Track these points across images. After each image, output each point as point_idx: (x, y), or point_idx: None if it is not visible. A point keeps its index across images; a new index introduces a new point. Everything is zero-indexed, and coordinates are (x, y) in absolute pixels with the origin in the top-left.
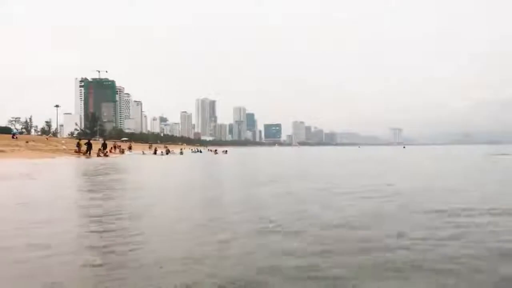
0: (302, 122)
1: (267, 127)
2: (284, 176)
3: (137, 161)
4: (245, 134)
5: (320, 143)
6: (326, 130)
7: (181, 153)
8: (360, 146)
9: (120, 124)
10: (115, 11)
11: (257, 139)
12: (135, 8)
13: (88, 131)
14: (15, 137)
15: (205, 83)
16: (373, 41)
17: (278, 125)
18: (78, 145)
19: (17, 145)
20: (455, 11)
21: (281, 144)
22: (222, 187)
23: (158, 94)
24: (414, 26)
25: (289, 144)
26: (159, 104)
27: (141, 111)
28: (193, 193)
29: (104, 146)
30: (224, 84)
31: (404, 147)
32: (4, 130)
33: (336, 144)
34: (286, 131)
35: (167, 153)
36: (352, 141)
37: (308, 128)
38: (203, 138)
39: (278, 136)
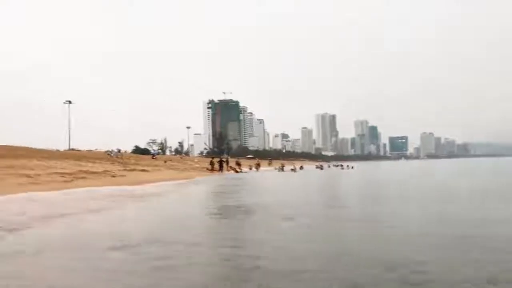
0: (431, 133)
1: (392, 139)
2: None
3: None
4: (368, 148)
5: (451, 155)
6: (459, 140)
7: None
8: (499, 158)
9: (245, 142)
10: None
11: (381, 153)
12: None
13: (216, 149)
14: (154, 157)
15: (324, 97)
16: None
17: (404, 137)
18: (211, 163)
19: (157, 165)
20: None
21: (407, 157)
22: None
23: (279, 111)
24: None
25: (417, 157)
26: (280, 121)
27: (264, 129)
28: None
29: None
30: (343, 97)
31: None
32: (144, 152)
33: (471, 156)
34: (412, 143)
35: (293, 169)
36: (488, 152)
37: (437, 139)
38: (324, 153)
39: (404, 149)
